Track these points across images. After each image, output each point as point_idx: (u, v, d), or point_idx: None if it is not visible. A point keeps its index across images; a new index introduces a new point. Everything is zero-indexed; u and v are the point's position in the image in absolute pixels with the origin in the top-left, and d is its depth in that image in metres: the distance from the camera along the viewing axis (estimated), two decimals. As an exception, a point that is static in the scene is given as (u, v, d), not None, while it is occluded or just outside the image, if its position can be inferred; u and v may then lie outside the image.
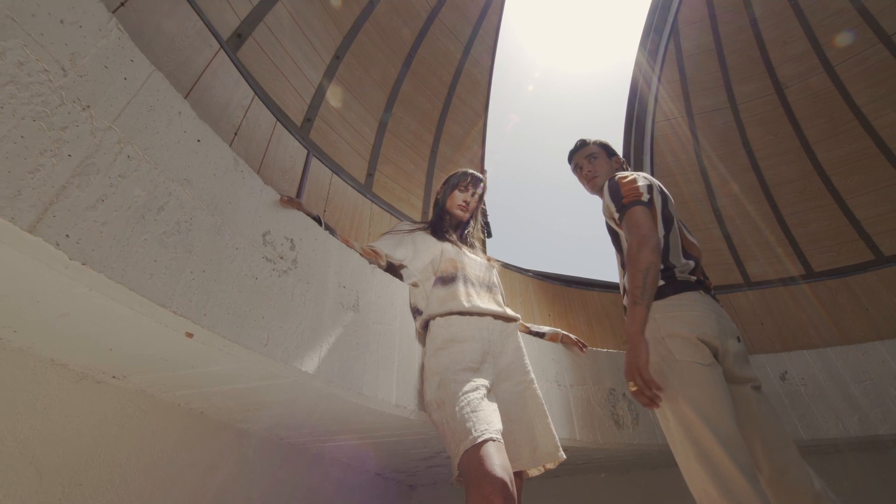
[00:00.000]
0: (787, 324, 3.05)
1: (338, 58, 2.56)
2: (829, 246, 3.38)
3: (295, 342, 1.16)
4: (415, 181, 3.02)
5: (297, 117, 2.35)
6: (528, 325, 2.23)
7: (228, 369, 1.10)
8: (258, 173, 1.75)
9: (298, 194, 1.98)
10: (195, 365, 1.08)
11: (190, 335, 0.93)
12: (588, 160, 1.79)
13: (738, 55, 3.96)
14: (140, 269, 0.84)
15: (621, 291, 1.62)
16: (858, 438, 2.19)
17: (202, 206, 1.03)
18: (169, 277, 0.89)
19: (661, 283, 1.43)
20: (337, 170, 2.41)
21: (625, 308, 1.54)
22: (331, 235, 1.47)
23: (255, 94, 1.88)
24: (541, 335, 2.18)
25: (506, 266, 2.74)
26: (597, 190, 1.79)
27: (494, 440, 1.18)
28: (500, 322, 1.65)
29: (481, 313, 1.61)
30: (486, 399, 1.33)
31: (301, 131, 2.28)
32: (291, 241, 1.29)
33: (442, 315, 1.57)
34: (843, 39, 3.51)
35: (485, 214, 3.50)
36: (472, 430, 1.19)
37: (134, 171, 0.88)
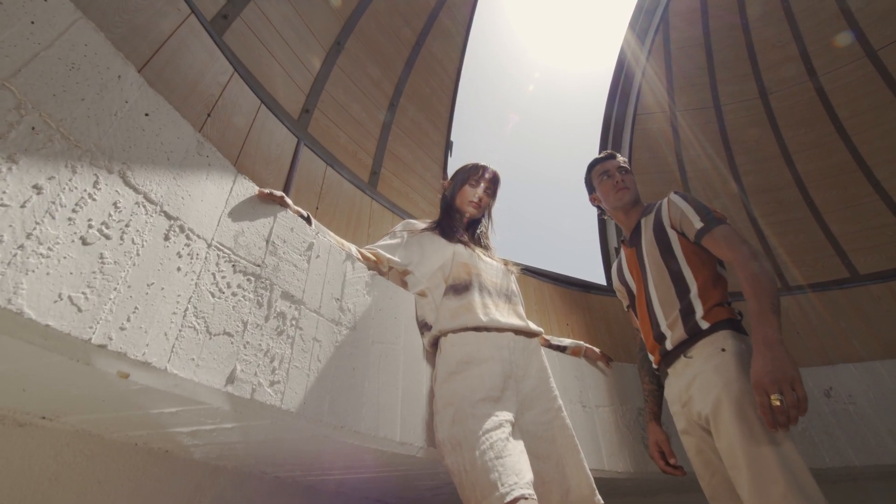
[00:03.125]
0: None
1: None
2: (805, 259, 3.24)
3: (271, 374, 0.91)
4: (365, 132, 2.49)
5: (290, 103, 2.05)
6: (548, 337, 1.99)
7: (188, 410, 0.86)
8: (235, 164, 1.51)
9: (286, 189, 1.73)
10: (143, 406, 0.84)
11: (125, 375, 0.69)
12: (619, 171, 1.65)
13: (725, 52, 3.82)
14: (42, 286, 0.59)
15: (657, 306, 1.41)
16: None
17: (147, 200, 0.78)
18: (92, 297, 0.65)
19: (730, 316, 1.26)
20: (332, 161, 2.08)
21: (686, 329, 1.32)
22: (322, 237, 1.23)
23: (235, 70, 1.62)
24: (562, 349, 1.94)
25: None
26: (622, 203, 1.62)
27: (527, 498, 0.94)
28: (521, 338, 1.41)
29: (500, 328, 1.36)
30: (511, 439, 1.09)
31: (290, 117, 1.97)
32: (273, 244, 1.05)
33: (454, 331, 1.33)
34: (843, 40, 3.42)
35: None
36: (499, 485, 0.94)
37: (40, 148, 0.63)
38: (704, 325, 1.28)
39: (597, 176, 1.69)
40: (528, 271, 2.56)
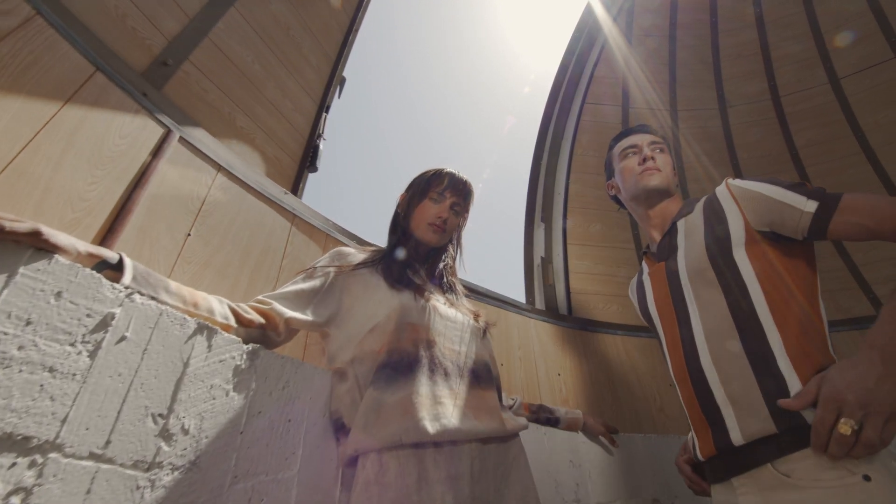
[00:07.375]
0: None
1: None
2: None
3: None
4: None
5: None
6: (533, 404, 1.49)
7: None
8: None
9: (124, 210, 1.09)
10: None
11: None
12: (652, 147, 1.20)
13: (689, 51, 3.52)
14: None
15: (708, 360, 0.90)
16: None
17: None
18: None
19: None
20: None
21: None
22: (140, 300, 0.70)
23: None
24: (553, 422, 1.44)
25: (491, 302, 1.94)
26: (648, 186, 1.15)
27: None
28: (493, 447, 0.91)
29: (457, 441, 0.86)
30: None
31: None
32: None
33: (383, 450, 0.81)
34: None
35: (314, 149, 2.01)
36: None
37: None
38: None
39: (619, 152, 1.24)
40: (508, 304, 2.06)
